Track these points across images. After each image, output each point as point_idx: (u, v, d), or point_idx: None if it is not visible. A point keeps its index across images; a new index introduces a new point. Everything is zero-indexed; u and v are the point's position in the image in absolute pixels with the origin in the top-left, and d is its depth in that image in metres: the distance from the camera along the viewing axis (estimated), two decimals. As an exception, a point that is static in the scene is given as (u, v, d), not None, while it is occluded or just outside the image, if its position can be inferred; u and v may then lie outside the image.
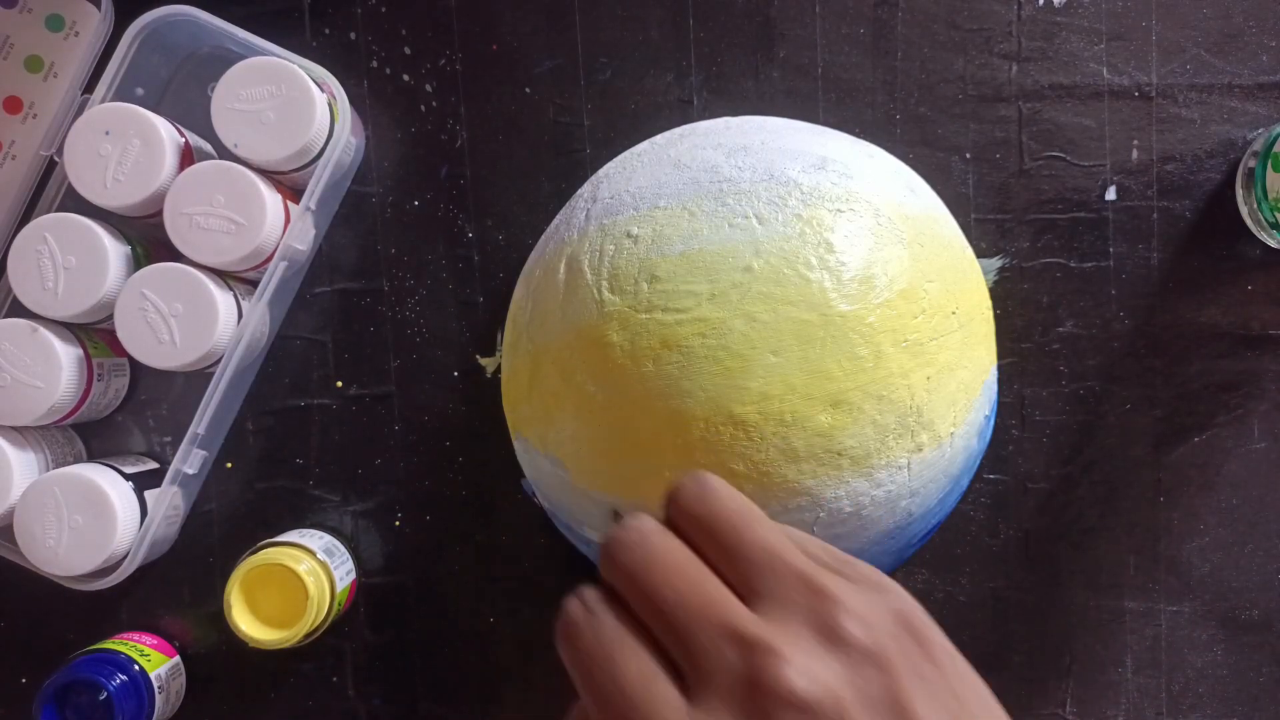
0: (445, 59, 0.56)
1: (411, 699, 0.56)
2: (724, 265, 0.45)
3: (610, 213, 0.48)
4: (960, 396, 0.47)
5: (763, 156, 0.48)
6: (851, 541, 0.47)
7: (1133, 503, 0.54)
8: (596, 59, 0.55)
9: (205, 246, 0.51)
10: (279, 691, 0.57)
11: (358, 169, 0.56)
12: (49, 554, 0.51)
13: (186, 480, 0.54)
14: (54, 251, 0.51)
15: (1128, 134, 0.54)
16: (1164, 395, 0.54)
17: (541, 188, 0.56)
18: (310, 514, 0.57)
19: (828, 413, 0.44)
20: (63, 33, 0.55)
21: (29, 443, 0.53)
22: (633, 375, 0.45)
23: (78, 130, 0.51)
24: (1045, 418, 0.54)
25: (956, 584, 0.55)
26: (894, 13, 0.54)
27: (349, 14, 0.56)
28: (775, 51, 0.55)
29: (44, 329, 0.51)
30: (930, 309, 0.46)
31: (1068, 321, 0.54)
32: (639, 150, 0.52)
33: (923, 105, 0.54)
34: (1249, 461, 0.54)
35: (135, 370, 0.57)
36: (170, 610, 0.57)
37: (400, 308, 0.56)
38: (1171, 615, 0.54)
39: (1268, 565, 0.54)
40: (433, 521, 0.56)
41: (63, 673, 0.52)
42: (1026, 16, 0.54)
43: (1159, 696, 0.54)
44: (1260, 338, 0.53)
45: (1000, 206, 0.54)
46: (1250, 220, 0.52)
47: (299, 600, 0.52)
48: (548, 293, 0.49)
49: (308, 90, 0.51)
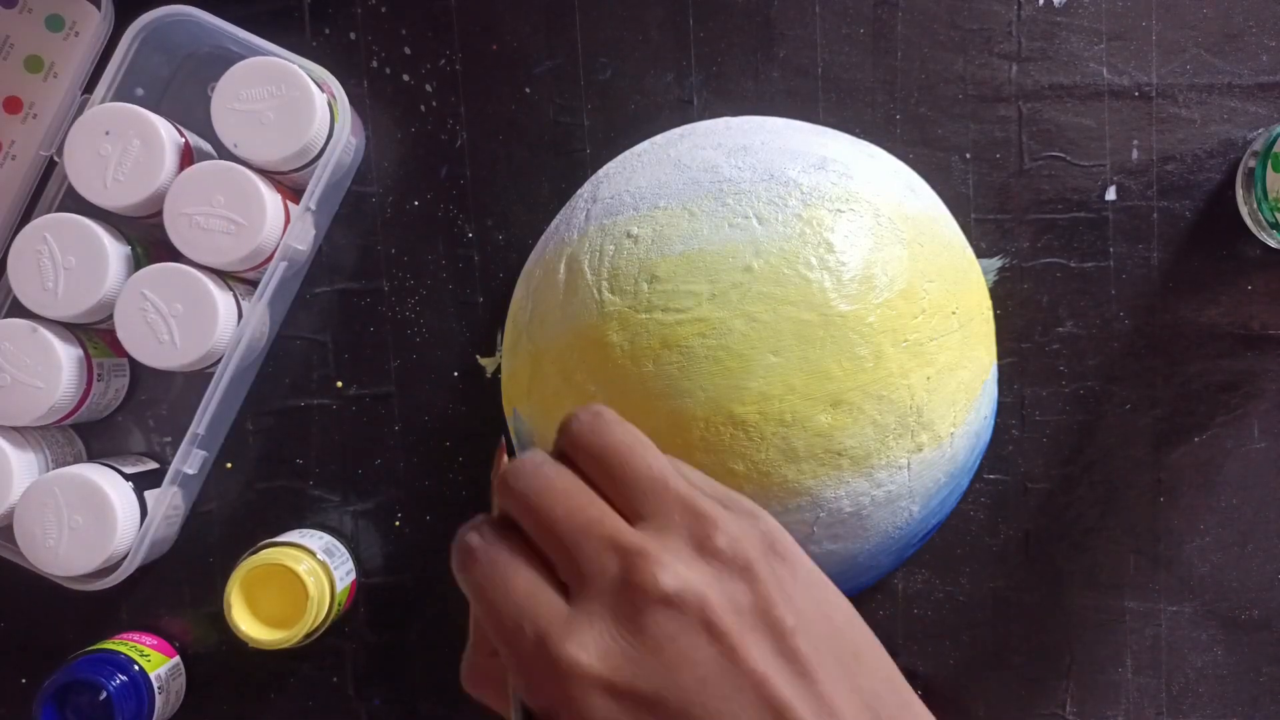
0: (445, 59, 0.56)
1: (412, 699, 0.56)
2: (724, 265, 0.45)
3: (610, 213, 0.48)
4: (960, 396, 0.47)
5: (763, 156, 0.48)
6: (852, 541, 0.47)
7: (1133, 503, 0.54)
8: (596, 59, 0.55)
9: (205, 246, 0.51)
10: (279, 691, 0.57)
11: (358, 169, 0.56)
12: (49, 554, 0.51)
13: (186, 480, 0.54)
14: (54, 251, 0.51)
15: (1128, 134, 0.54)
16: (1164, 395, 0.54)
17: (541, 188, 0.56)
18: (310, 514, 0.57)
19: (828, 413, 0.44)
20: (63, 33, 0.55)
21: (29, 443, 0.53)
22: (633, 375, 0.45)
23: (78, 130, 0.51)
24: (1045, 418, 0.54)
25: (956, 584, 0.55)
26: (894, 13, 0.54)
27: (349, 14, 0.56)
28: (775, 51, 0.55)
29: (44, 329, 0.51)
30: (930, 309, 0.46)
31: (1068, 321, 0.54)
32: (639, 150, 0.52)
33: (923, 105, 0.54)
34: (1249, 461, 0.54)
35: (135, 370, 0.57)
36: (170, 610, 0.57)
37: (400, 308, 0.56)
38: (1171, 615, 0.54)
39: (1268, 565, 0.54)
40: (433, 521, 0.56)
41: (63, 673, 0.52)
42: (1026, 16, 0.54)
43: (1159, 696, 0.54)
44: (1260, 338, 0.53)
45: (1000, 206, 0.54)
46: (1250, 220, 0.52)
47: (299, 600, 0.52)
48: (548, 293, 0.49)
49: (308, 90, 0.51)
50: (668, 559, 0.29)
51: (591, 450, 0.32)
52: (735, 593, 0.30)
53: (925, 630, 0.55)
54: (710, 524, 0.30)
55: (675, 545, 0.30)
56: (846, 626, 0.31)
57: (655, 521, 0.31)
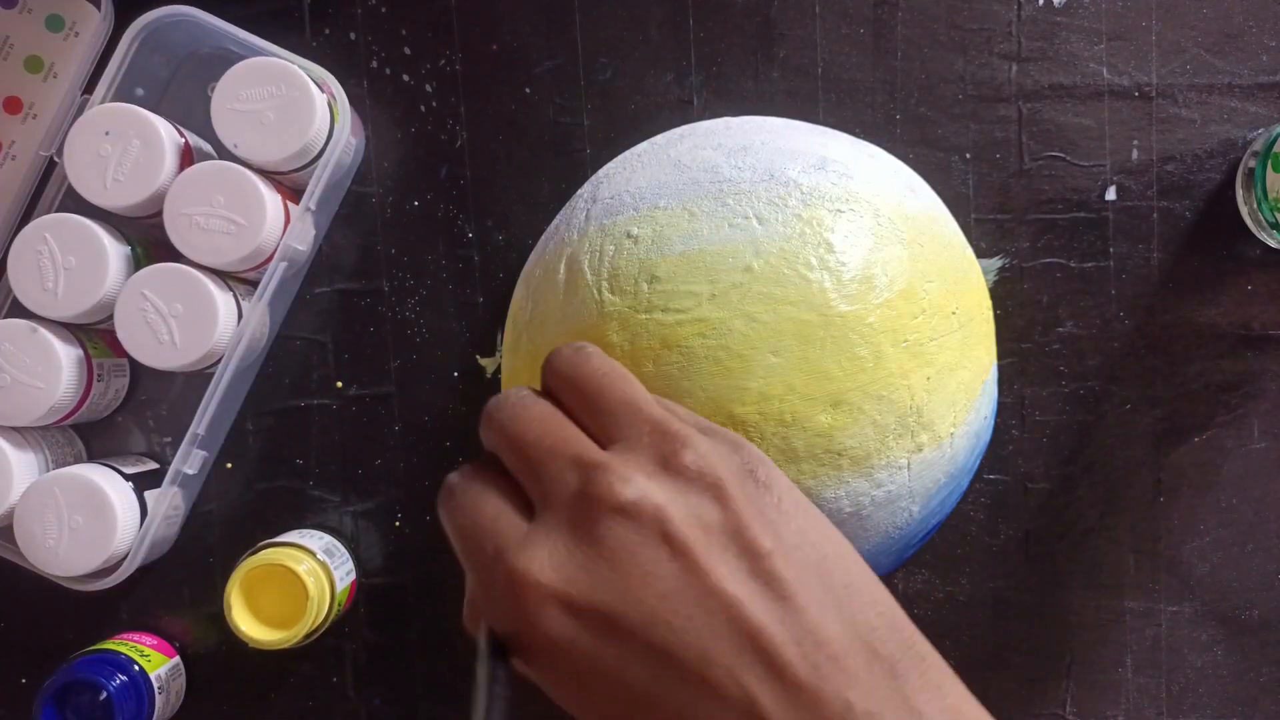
0: (445, 59, 0.56)
1: (412, 699, 0.57)
2: (724, 265, 0.45)
3: (610, 213, 0.48)
4: (960, 396, 0.47)
5: (763, 156, 0.48)
6: (852, 542, 0.47)
7: (1133, 503, 0.54)
8: (596, 59, 0.55)
9: (205, 247, 0.51)
10: (279, 692, 0.57)
11: (358, 169, 0.56)
12: (49, 554, 0.51)
13: (186, 480, 0.54)
14: (54, 252, 0.51)
15: (1128, 134, 0.54)
16: (1164, 395, 0.54)
17: (541, 188, 0.56)
18: (310, 514, 0.57)
19: (828, 413, 0.44)
20: (63, 33, 0.55)
21: (29, 443, 0.53)
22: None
23: (78, 130, 0.51)
24: (1045, 418, 0.54)
25: (956, 584, 0.55)
26: (894, 13, 0.54)
27: (349, 14, 0.56)
28: (775, 51, 0.55)
29: (44, 329, 0.51)
30: (930, 309, 0.46)
31: (1068, 321, 0.54)
32: (639, 150, 0.52)
33: (923, 105, 0.54)
34: (1249, 461, 0.54)
35: (135, 370, 0.57)
36: (170, 610, 0.57)
37: (400, 308, 0.56)
38: (1171, 615, 0.54)
39: (1268, 565, 0.54)
40: (433, 521, 0.56)
41: (63, 673, 0.52)
42: (1026, 16, 0.54)
43: (1159, 696, 0.54)
44: (1260, 338, 0.53)
45: (1000, 206, 0.54)
46: (1250, 220, 0.52)
47: (299, 600, 0.52)
48: (548, 293, 0.49)
49: (308, 90, 0.51)
50: (628, 471, 0.29)
51: (570, 380, 0.32)
52: (701, 509, 0.28)
53: (925, 630, 0.54)
54: (679, 441, 0.30)
55: (638, 460, 0.29)
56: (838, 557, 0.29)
57: (624, 443, 0.30)
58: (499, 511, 0.30)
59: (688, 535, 0.27)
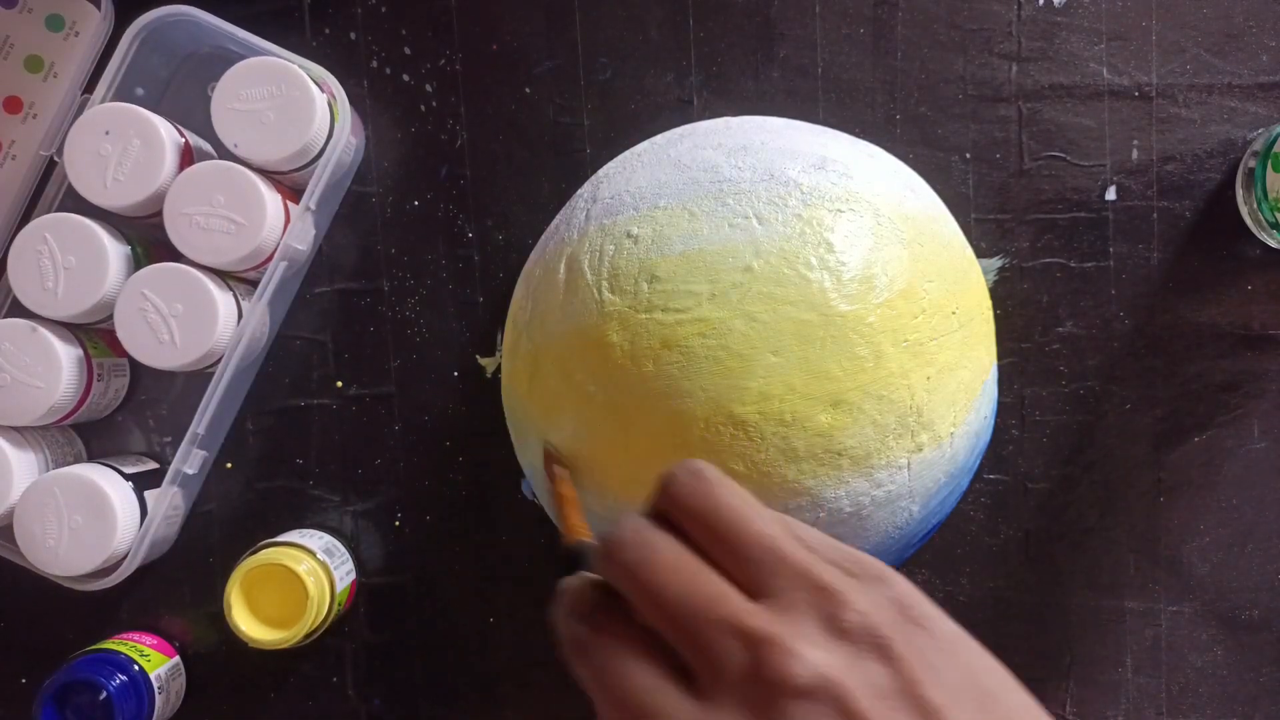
0: (445, 59, 0.56)
1: (412, 699, 0.56)
2: (724, 265, 0.45)
3: (610, 213, 0.48)
4: (960, 396, 0.47)
5: (763, 156, 0.48)
6: (851, 542, 0.47)
7: (1133, 503, 0.54)
8: (596, 59, 0.55)
9: (205, 246, 0.51)
10: (279, 691, 0.57)
11: (358, 169, 0.56)
12: (49, 554, 0.51)
13: (186, 480, 0.54)
14: (54, 251, 0.51)
15: (1128, 134, 0.54)
16: (1164, 395, 0.54)
17: (541, 188, 0.56)
18: (310, 514, 0.57)
19: (828, 413, 0.44)
20: (63, 33, 0.55)
21: (29, 443, 0.53)
22: (633, 375, 0.45)
23: (78, 130, 0.51)
24: (1045, 418, 0.54)
25: (956, 584, 0.55)
26: (894, 13, 0.54)
27: (349, 14, 0.56)
28: (775, 51, 0.55)
29: (44, 329, 0.51)
30: (930, 309, 0.46)
31: (1068, 321, 0.54)
32: (639, 150, 0.52)
33: (923, 105, 0.54)
34: (1249, 461, 0.54)
35: (135, 370, 0.57)
36: (170, 610, 0.57)
37: (400, 308, 0.56)
38: (1171, 615, 0.54)
39: (1268, 565, 0.54)
40: (433, 521, 0.56)
41: (63, 673, 0.52)
42: (1026, 16, 0.54)
43: (1159, 696, 0.54)
44: (1260, 338, 0.53)
45: (1000, 206, 0.54)
46: (1250, 220, 0.52)
47: (299, 600, 0.52)
48: (548, 293, 0.49)
49: (308, 90, 0.51)
50: (798, 646, 0.27)
51: (697, 514, 0.29)
52: (871, 674, 0.27)
53: (925, 630, 0.55)
54: (838, 600, 0.28)
55: (804, 628, 0.27)
56: (999, 690, 0.29)
57: (777, 599, 0.28)
58: (655, 684, 0.28)
59: (867, 710, 0.27)
